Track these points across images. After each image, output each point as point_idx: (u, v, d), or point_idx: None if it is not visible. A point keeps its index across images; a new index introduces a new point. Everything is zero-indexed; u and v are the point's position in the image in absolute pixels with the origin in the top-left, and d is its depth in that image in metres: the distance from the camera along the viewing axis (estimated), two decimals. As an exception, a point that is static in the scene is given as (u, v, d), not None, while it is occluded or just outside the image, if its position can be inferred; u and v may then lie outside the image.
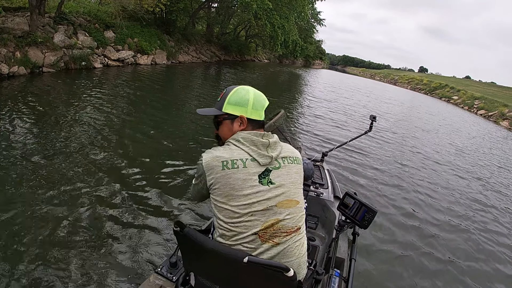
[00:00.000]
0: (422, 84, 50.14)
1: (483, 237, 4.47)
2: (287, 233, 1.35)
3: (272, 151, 1.39)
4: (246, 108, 1.43)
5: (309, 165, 2.97)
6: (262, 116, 1.49)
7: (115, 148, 4.83)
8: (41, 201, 3.25)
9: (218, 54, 26.50)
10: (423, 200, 5.26)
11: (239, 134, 1.40)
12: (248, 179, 1.31)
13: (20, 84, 7.57)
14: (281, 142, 1.48)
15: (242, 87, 1.48)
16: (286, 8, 24.65)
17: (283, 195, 1.37)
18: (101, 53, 12.35)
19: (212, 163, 1.33)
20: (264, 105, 1.50)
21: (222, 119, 1.47)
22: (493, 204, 5.82)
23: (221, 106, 1.46)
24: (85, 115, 5.96)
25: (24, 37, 8.91)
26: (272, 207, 1.33)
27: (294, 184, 1.43)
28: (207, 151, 1.40)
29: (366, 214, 2.03)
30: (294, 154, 1.50)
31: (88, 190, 3.59)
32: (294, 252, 1.38)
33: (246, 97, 1.44)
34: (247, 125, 1.43)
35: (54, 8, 11.37)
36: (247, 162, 1.33)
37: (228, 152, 1.35)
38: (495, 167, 8.89)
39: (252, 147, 1.36)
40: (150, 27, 16.45)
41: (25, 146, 4.35)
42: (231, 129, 1.45)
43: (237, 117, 1.43)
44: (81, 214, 3.18)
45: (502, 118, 24.39)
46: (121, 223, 3.17)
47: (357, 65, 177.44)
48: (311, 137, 7.77)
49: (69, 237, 2.85)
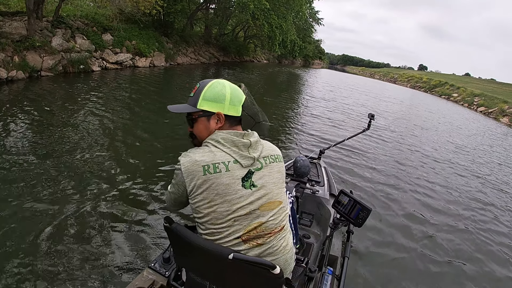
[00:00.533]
0: (421, 82, 50.12)
1: (483, 236, 4.43)
2: (270, 234, 1.35)
3: (253, 151, 1.34)
4: (223, 104, 1.33)
5: (305, 162, 2.99)
6: (240, 111, 1.39)
7: (111, 150, 4.84)
8: (36, 200, 3.26)
9: (217, 55, 26.52)
10: (421, 199, 5.25)
11: (218, 134, 1.32)
12: (232, 183, 1.27)
13: (19, 89, 7.58)
14: (261, 140, 1.43)
15: (217, 81, 1.37)
16: (284, 8, 24.64)
17: (266, 197, 1.34)
18: (99, 56, 12.36)
19: (192, 168, 1.25)
20: (241, 99, 1.40)
21: (197, 116, 1.36)
22: (492, 202, 5.78)
23: (195, 102, 1.35)
24: (83, 119, 5.97)
25: (22, 41, 8.92)
26: (254, 211, 1.30)
27: (276, 184, 1.40)
28: (184, 154, 1.31)
29: (360, 212, 2.01)
30: (275, 152, 1.46)
31: (82, 189, 3.61)
32: (279, 249, 1.38)
33: (222, 91, 1.34)
34: (225, 122, 1.35)
35: (52, 12, 11.38)
36: (229, 165, 1.27)
37: (209, 155, 1.27)
38: (495, 164, 8.86)
39: (233, 148, 1.30)
40: (148, 30, 16.46)
41: (23, 149, 4.36)
42: (208, 127, 1.35)
43: (213, 114, 1.34)
44: (76, 212, 3.20)
45: (502, 115, 24.35)
46: (115, 220, 3.20)
47: (357, 64, 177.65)
48: (308, 136, 7.78)
49: (63, 233, 2.88)
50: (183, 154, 1.32)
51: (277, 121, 8.69)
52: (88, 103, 7.09)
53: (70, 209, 3.23)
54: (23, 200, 3.26)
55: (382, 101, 20.33)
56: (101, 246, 2.81)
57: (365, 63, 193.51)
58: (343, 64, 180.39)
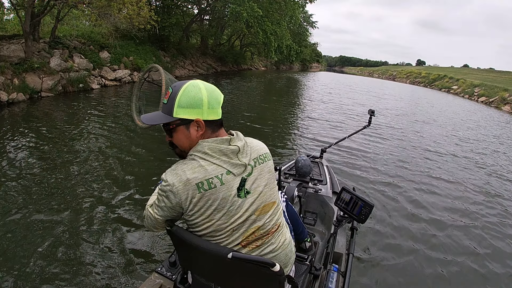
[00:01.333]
0: (420, 77, 50.16)
1: (492, 229, 4.34)
2: (268, 234, 1.34)
3: (243, 157, 1.27)
4: (201, 110, 1.21)
5: (306, 161, 3.00)
6: (220, 113, 1.28)
7: (112, 163, 4.91)
8: (42, 211, 3.32)
9: (214, 65, 26.66)
10: (425, 193, 5.23)
11: (203, 145, 1.22)
12: (228, 196, 1.22)
13: (20, 110, 7.68)
14: (247, 140, 1.35)
15: (191, 83, 1.23)
16: (277, 14, 24.75)
17: (260, 201, 1.30)
18: (97, 74, 12.49)
19: (186, 188, 1.17)
20: (220, 100, 1.28)
21: (175, 125, 1.24)
22: (499, 193, 5.65)
23: (170, 110, 1.22)
24: (83, 137, 6.04)
25: (21, 63, 9.05)
26: (251, 217, 1.28)
27: (269, 185, 1.35)
28: (171, 172, 1.21)
29: (363, 208, 2.02)
30: (263, 151, 1.39)
31: (87, 200, 3.68)
32: (278, 246, 1.39)
33: (198, 96, 1.20)
34: (206, 128, 1.24)
35: (48, 33, 11.56)
36: (223, 178, 1.20)
37: (200, 171, 1.18)
38: (500, 154, 8.82)
39: (223, 158, 1.22)
40: (144, 45, 16.65)
41: (26, 167, 4.43)
42: (188, 136, 1.24)
43: (192, 121, 1.22)
44: (82, 221, 3.27)
45: (504, 103, 24.27)
46: (121, 227, 3.26)
47: (355, 65, 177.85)
48: (309, 136, 7.83)
49: (71, 239, 2.95)
50: (170, 172, 1.22)
51: (278, 124, 8.75)
52: (88, 121, 7.16)
53: (76, 218, 3.30)
54: (28, 212, 3.32)
55: (382, 99, 20.34)
56: (108, 253, 2.86)
57: (363, 62, 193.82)
58: (341, 66, 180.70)
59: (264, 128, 7.98)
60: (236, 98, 13.02)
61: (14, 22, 12.36)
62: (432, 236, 3.94)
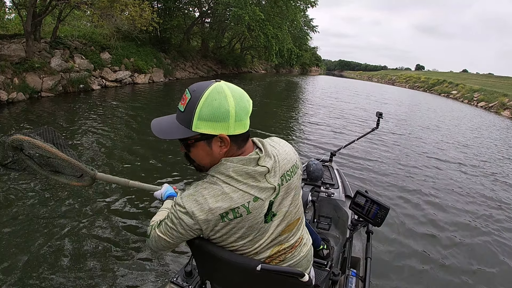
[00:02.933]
0: (420, 82, 50.35)
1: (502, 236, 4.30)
2: (292, 249, 1.25)
3: (273, 178, 1.09)
4: (227, 123, 0.99)
5: (318, 165, 2.96)
6: (248, 125, 1.07)
7: (113, 163, 4.85)
8: (44, 217, 3.25)
9: (215, 68, 26.68)
10: (437, 196, 5.21)
11: (227, 166, 1.04)
12: (255, 224, 1.08)
13: (20, 110, 7.62)
14: (276, 151, 1.16)
15: (214, 89, 1.00)
16: (278, 17, 24.81)
17: (285, 221, 1.18)
18: (98, 75, 12.46)
19: (208, 218, 1.02)
20: (249, 109, 1.06)
21: (194, 140, 1.04)
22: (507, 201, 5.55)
23: (188, 122, 1.00)
24: (83, 138, 5.98)
25: (21, 63, 9.00)
26: (276, 238, 1.17)
27: (294, 202, 1.20)
28: (191, 198, 1.03)
29: (378, 211, 1.95)
30: (291, 163, 1.20)
31: (91, 205, 3.60)
32: (301, 256, 1.30)
33: (224, 106, 0.98)
34: (231, 144, 1.04)
35: (49, 33, 11.53)
36: (250, 206, 1.04)
37: (224, 199, 1.02)
38: (507, 161, 8.75)
39: (250, 183, 1.04)
40: (145, 46, 16.61)
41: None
42: (210, 153, 1.05)
43: (215, 136, 1.01)
44: (94, 226, 3.20)
45: (503, 108, 24.33)
46: (135, 235, 3.18)
47: (354, 69, 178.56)
48: (316, 140, 7.80)
49: (84, 248, 2.87)
50: (187, 197, 1.04)
51: (279, 129, 8.74)
52: (88, 122, 7.10)
53: (78, 224, 3.21)
54: (29, 217, 3.25)
55: (383, 103, 20.34)
56: (120, 263, 2.77)
57: (362, 67, 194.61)
58: (340, 70, 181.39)
59: (266, 133, 7.92)
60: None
61: (16, 21, 12.36)
62: (455, 237, 3.97)
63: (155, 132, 1.06)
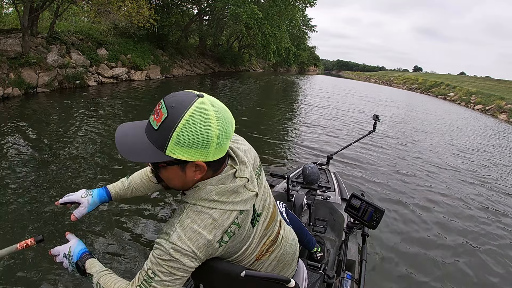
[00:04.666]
0: (417, 84, 50.40)
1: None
2: (276, 238, 1.26)
3: (251, 184, 1.04)
4: (206, 150, 0.88)
5: (314, 169, 2.98)
6: (227, 147, 0.96)
7: (107, 167, 4.82)
8: (33, 205, 3.23)
9: (212, 66, 26.65)
10: (433, 200, 5.20)
11: (208, 190, 0.96)
12: (245, 234, 1.07)
13: (15, 106, 7.56)
14: (242, 154, 1.08)
15: (197, 108, 0.85)
16: (277, 16, 24.77)
17: (268, 215, 1.18)
18: (94, 71, 12.39)
19: (207, 250, 0.96)
20: (231, 132, 0.94)
21: (166, 164, 0.92)
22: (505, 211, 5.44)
23: (161, 144, 0.86)
24: (78, 135, 5.91)
25: (17, 58, 8.94)
26: (263, 234, 1.18)
27: (269, 195, 1.20)
28: (181, 234, 0.92)
29: (373, 214, 1.97)
30: (257, 158, 1.18)
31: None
32: (285, 242, 1.32)
33: (207, 132, 0.85)
34: (208, 169, 0.94)
35: (46, 28, 11.45)
36: (239, 221, 1.01)
37: (216, 226, 0.95)
38: (502, 166, 8.69)
39: (235, 200, 0.99)
40: (142, 43, 16.56)
41: (18, 164, 4.33)
42: (183, 177, 0.95)
43: (190, 162, 0.90)
44: (77, 227, 3.14)
45: (500, 111, 24.42)
46: (127, 235, 3.14)
47: (352, 69, 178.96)
48: (309, 143, 7.76)
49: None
50: (179, 238, 0.92)
51: (275, 130, 8.70)
52: (83, 119, 7.04)
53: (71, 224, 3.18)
54: (19, 205, 3.22)
55: (380, 105, 20.31)
56: (111, 262, 2.74)
57: (360, 67, 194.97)
58: (338, 70, 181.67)
59: (260, 135, 7.89)
60: (232, 101, 12.93)
61: (13, 16, 12.26)
62: (449, 237, 4.02)
63: (120, 151, 0.90)
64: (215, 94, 14.86)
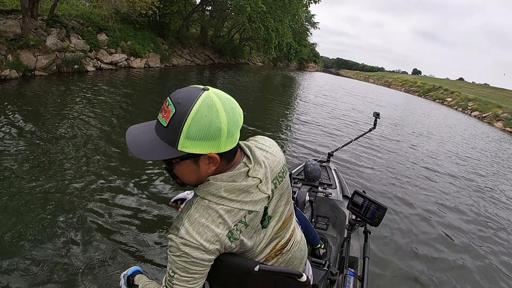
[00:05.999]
0: (416, 86, 50.51)
1: None
2: (287, 244, 1.26)
3: (265, 186, 1.04)
4: (218, 141, 0.89)
5: (316, 166, 2.96)
6: (238, 138, 0.97)
7: (102, 154, 4.76)
8: (32, 203, 3.17)
9: (212, 57, 26.52)
10: (435, 197, 5.36)
11: (218, 186, 0.96)
12: (253, 234, 1.07)
13: (12, 88, 7.46)
14: (265, 156, 1.10)
15: (204, 102, 0.86)
16: (280, 11, 24.69)
17: (281, 220, 1.18)
18: (94, 56, 12.27)
19: (218, 245, 0.97)
20: (240, 122, 0.96)
21: (179, 159, 0.93)
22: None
23: (172, 140, 0.88)
24: (74, 120, 5.84)
25: (16, 40, 8.82)
26: (273, 237, 1.17)
27: (288, 202, 1.20)
28: (193, 232, 0.93)
29: (376, 211, 1.94)
30: (281, 165, 1.15)
31: (79, 193, 3.51)
32: (295, 247, 1.32)
33: (216, 123, 0.87)
34: (220, 161, 0.95)
35: (47, 11, 11.28)
36: (247, 220, 1.01)
37: (224, 221, 0.96)
38: (499, 177, 8.74)
39: (244, 199, 0.99)
40: (143, 30, 16.42)
41: (13, 147, 4.27)
42: (197, 171, 0.97)
43: (203, 154, 0.91)
44: (79, 217, 3.10)
45: (496, 119, 24.54)
46: (130, 229, 3.10)
47: (351, 68, 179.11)
48: (308, 141, 7.74)
49: (66, 243, 2.77)
50: (187, 232, 0.93)
51: (272, 126, 8.67)
52: (81, 104, 6.98)
53: (69, 217, 3.13)
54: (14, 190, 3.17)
55: (378, 106, 20.31)
56: (112, 258, 2.70)
57: (360, 66, 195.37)
58: (338, 68, 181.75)
59: (258, 129, 7.86)
60: (231, 94, 12.70)
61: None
62: (452, 237, 4.15)
63: (133, 152, 0.92)
64: (214, 86, 14.68)
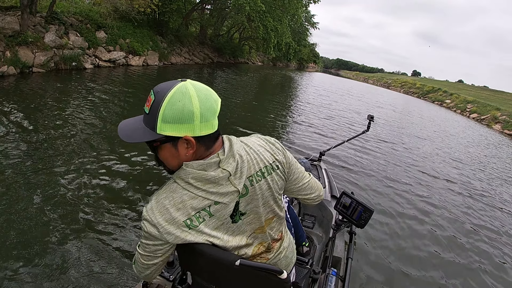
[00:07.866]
0: (415, 88, 50.54)
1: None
2: (272, 246, 1.28)
3: (237, 180, 1.07)
4: (192, 125, 0.97)
5: (306, 164, 2.99)
6: (216, 125, 1.04)
7: (97, 151, 4.78)
8: (23, 199, 3.19)
9: (211, 56, 26.50)
10: (423, 201, 5.33)
11: (187, 172, 1.01)
12: (220, 226, 1.08)
13: (10, 84, 7.47)
14: (245, 150, 1.13)
15: (178, 89, 0.96)
16: (280, 10, 24.67)
17: (259, 220, 1.18)
18: (92, 54, 12.27)
19: (173, 227, 1.02)
20: (217, 109, 1.03)
21: (160, 143, 1.01)
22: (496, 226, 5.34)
23: (152, 124, 0.97)
24: (71, 118, 5.87)
25: (15, 36, 8.82)
26: (251, 236, 1.18)
27: (267, 203, 1.19)
28: (155, 210, 1.01)
29: (363, 213, 1.97)
30: (263, 163, 1.17)
31: (74, 188, 3.54)
32: (281, 250, 1.34)
33: (188, 107, 0.95)
34: (197, 146, 1.01)
35: (46, 8, 11.26)
36: (211, 209, 1.04)
37: (184, 206, 1.01)
38: (498, 179, 8.76)
39: (209, 189, 1.02)
40: (142, 28, 16.39)
41: (10, 143, 4.28)
42: (176, 155, 1.03)
43: (180, 138, 0.99)
44: (73, 214, 3.13)
45: (495, 122, 24.57)
46: (116, 222, 3.14)
47: (351, 69, 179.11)
48: (307, 138, 7.77)
49: (65, 239, 2.81)
50: (150, 209, 1.02)
51: (271, 126, 8.68)
52: (78, 102, 7.00)
53: (64, 211, 3.16)
54: (12, 186, 3.19)
55: (377, 107, 20.33)
56: (102, 251, 2.74)
57: (359, 67, 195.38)
58: (337, 68, 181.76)
59: (255, 126, 7.88)
60: (229, 93, 12.88)
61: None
62: (435, 238, 4.17)
63: (121, 136, 1.02)
64: (212, 85, 14.77)
